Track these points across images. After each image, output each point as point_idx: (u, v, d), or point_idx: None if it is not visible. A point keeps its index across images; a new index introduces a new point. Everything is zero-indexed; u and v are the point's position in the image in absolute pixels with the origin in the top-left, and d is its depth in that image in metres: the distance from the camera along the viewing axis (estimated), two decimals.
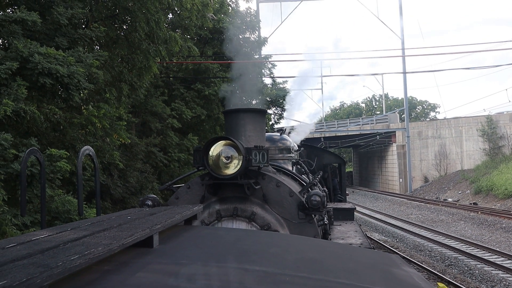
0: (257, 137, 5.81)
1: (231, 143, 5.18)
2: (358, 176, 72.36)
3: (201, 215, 5.32)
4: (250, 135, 5.74)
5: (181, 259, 2.65)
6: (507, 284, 13.55)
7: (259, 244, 3.39)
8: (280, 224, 5.39)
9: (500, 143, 46.08)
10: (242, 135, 5.72)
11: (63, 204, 10.04)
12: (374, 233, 24.32)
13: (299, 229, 5.34)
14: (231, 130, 5.81)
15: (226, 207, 5.42)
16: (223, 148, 5.19)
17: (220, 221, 5.38)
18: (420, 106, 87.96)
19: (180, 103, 20.85)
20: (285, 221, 5.40)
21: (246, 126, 5.76)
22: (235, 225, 5.35)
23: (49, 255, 1.97)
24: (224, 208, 5.42)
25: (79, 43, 11.58)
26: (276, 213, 5.42)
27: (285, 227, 5.39)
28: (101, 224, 3.03)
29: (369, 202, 43.19)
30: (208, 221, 5.38)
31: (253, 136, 5.76)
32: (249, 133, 5.75)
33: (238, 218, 5.38)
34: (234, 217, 5.38)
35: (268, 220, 5.35)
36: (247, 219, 5.35)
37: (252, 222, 5.34)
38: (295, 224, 5.37)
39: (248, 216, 5.35)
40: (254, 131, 5.78)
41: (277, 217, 5.41)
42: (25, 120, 9.45)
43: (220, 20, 22.75)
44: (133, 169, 17.52)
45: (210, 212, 5.43)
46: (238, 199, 5.43)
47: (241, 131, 5.74)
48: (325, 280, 2.52)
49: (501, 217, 25.96)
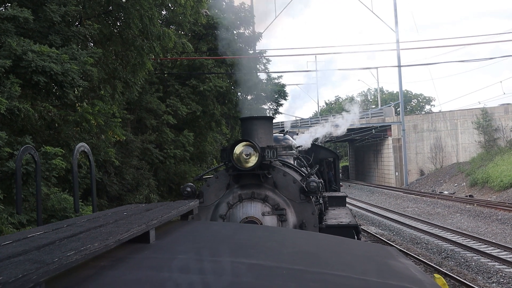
0: (266, 138, 7.54)
1: (249, 144, 6.80)
2: (354, 170, 72.46)
3: (227, 198, 7.01)
4: (261, 137, 7.45)
5: (178, 254, 2.65)
6: (503, 275, 13.62)
7: (255, 238, 3.40)
8: (287, 204, 6.98)
9: (495, 135, 46.22)
10: (256, 136, 7.40)
11: (59, 202, 10.03)
12: (370, 227, 24.38)
13: (301, 207, 6.99)
14: (247, 133, 7.56)
15: (246, 191, 6.99)
16: (243, 147, 6.81)
17: (242, 202, 6.97)
18: (415, 100, 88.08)
19: (175, 100, 20.82)
20: (290, 202, 6.99)
21: (258, 130, 7.54)
22: (253, 205, 6.95)
23: (45, 251, 1.97)
24: (244, 192, 7.00)
25: (72, 41, 11.54)
26: (283, 195, 7.02)
27: (290, 206, 7.00)
28: (97, 220, 3.03)
29: (365, 196, 43.27)
30: (232, 202, 7.00)
31: (263, 137, 7.48)
32: (260, 135, 7.49)
33: (255, 200, 6.94)
34: (252, 199, 6.95)
35: (277, 201, 6.95)
36: (261, 200, 6.91)
37: (266, 202, 6.91)
38: (297, 204, 6.99)
39: (262, 198, 6.92)
40: (264, 134, 7.57)
41: (284, 198, 7.01)
42: (19, 118, 9.43)
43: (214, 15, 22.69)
44: (129, 166, 17.51)
45: (233, 195, 7.03)
46: (255, 185, 7.00)
47: (255, 134, 7.48)
48: (321, 273, 2.53)
49: (496, 209, 26.06)
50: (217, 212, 7.05)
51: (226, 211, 6.98)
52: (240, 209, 6.96)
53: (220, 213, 7.00)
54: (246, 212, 6.92)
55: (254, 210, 6.92)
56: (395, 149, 50.72)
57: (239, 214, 6.94)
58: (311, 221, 6.98)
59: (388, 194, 42.23)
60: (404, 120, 50.09)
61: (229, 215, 6.98)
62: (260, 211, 6.90)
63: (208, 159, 25.19)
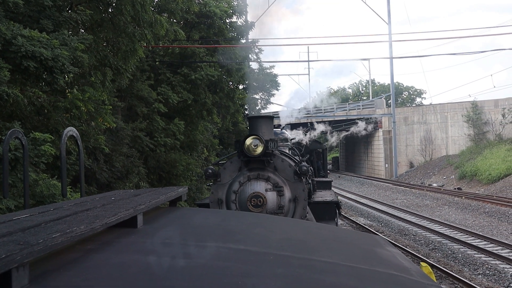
0: (268, 133, 9.48)
1: (257, 137, 8.77)
2: (345, 161, 72.67)
3: (238, 178, 8.86)
4: (264, 132, 9.32)
5: (165, 239, 2.64)
6: (489, 267, 13.75)
7: (244, 224, 3.40)
8: (284, 183, 8.84)
9: (484, 128, 46.45)
10: (260, 131, 9.23)
11: (47, 188, 9.97)
12: (359, 218, 24.51)
13: (294, 185, 8.86)
14: (254, 129, 9.44)
15: (253, 173, 8.85)
16: (252, 140, 8.78)
17: (250, 181, 8.81)
18: (407, 92, 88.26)
19: (166, 88, 20.71)
20: (286, 181, 8.86)
21: (262, 126, 9.48)
22: (258, 183, 8.79)
23: (30, 233, 1.95)
24: (251, 174, 8.86)
25: (63, 26, 11.42)
26: (281, 176, 8.88)
27: (286, 184, 8.86)
28: (84, 204, 3.01)
29: (355, 187, 43.45)
30: (242, 181, 8.82)
31: (266, 132, 9.38)
32: (264, 131, 9.36)
33: (260, 179, 8.81)
34: (258, 179, 8.81)
35: (277, 180, 8.81)
36: (265, 180, 8.79)
37: (268, 181, 8.77)
38: (292, 182, 8.87)
39: (265, 178, 8.80)
40: (266, 129, 9.50)
41: (282, 178, 8.85)
42: (8, 103, 9.34)
43: (207, 3, 22.56)
44: (119, 154, 17.44)
45: (244, 176, 8.86)
46: (260, 168, 8.88)
47: (259, 129, 9.37)
48: (309, 259, 2.53)
49: (484, 202, 26.28)
50: (231, 188, 8.88)
51: (238, 187, 8.83)
52: (248, 186, 8.78)
53: (233, 189, 8.85)
54: (253, 188, 8.74)
55: (259, 187, 8.75)
56: (385, 140, 50.89)
57: (248, 190, 8.75)
58: (302, 196, 8.87)
59: (378, 186, 42.43)
60: (395, 112, 50.22)
61: (240, 190, 8.82)
62: (263, 188, 8.74)
63: (198, 148, 25.14)
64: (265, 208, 8.56)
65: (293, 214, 8.76)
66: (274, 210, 8.61)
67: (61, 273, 1.94)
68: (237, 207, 8.75)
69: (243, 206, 8.67)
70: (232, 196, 8.77)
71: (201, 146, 25.80)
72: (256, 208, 8.56)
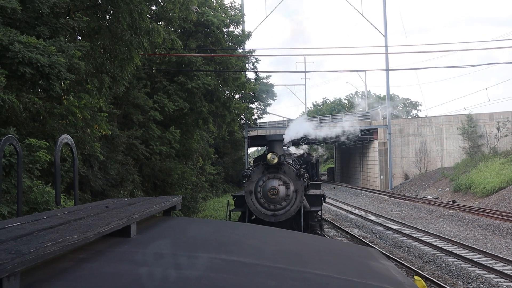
0: (280, 149, 13.84)
1: (274, 153, 13.12)
2: (340, 172, 72.66)
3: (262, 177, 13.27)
4: (277, 149, 13.64)
5: (158, 249, 2.63)
6: (483, 280, 13.73)
7: (237, 235, 3.38)
8: (290, 181, 13.18)
9: (479, 141, 46.58)
10: (275, 149, 13.57)
11: (41, 195, 9.93)
12: (354, 229, 24.47)
13: (296, 182, 13.18)
14: (272, 147, 13.69)
15: (271, 175, 13.27)
16: (271, 154, 13.09)
17: (269, 180, 13.21)
18: (402, 104, 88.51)
19: (162, 96, 20.72)
20: (291, 180, 13.17)
21: (276, 146, 13.81)
22: (274, 181, 13.17)
23: (22, 241, 1.94)
24: (270, 175, 13.27)
25: (60, 33, 11.43)
26: (288, 177, 13.23)
27: (291, 182, 13.18)
28: (78, 213, 2.99)
29: (350, 198, 43.41)
30: (264, 179, 13.24)
31: (278, 149, 13.70)
32: (277, 148, 13.69)
33: (275, 178, 13.21)
34: (274, 178, 13.20)
35: (285, 179, 13.17)
36: (278, 179, 13.20)
37: (280, 180, 13.17)
38: (295, 181, 13.19)
39: (278, 178, 13.20)
40: (279, 147, 13.91)
41: (289, 178, 13.19)
42: (4, 109, 9.32)
43: (204, 13, 22.63)
44: (114, 161, 17.40)
45: (265, 176, 13.22)
46: (275, 172, 13.27)
47: (275, 147, 13.68)
48: (302, 272, 2.52)
49: (479, 215, 26.29)
50: (258, 184, 13.21)
51: (262, 183, 13.21)
52: (268, 183, 13.19)
53: (259, 184, 13.20)
54: (271, 184, 13.15)
55: (275, 183, 13.15)
56: (380, 152, 50.92)
57: (268, 185, 13.15)
58: (300, 189, 13.21)
59: (373, 197, 42.41)
60: (391, 124, 50.32)
61: (263, 185, 13.18)
62: (277, 184, 13.15)
63: (194, 156, 25.11)
64: (278, 196, 13.06)
65: (295, 200, 13.13)
66: (283, 197, 13.11)
67: (52, 283, 1.93)
68: (261, 195, 13.15)
69: (265, 195, 13.11)
70: (258, 189, 13.17)
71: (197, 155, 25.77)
72: (272, 196, 13.05)
